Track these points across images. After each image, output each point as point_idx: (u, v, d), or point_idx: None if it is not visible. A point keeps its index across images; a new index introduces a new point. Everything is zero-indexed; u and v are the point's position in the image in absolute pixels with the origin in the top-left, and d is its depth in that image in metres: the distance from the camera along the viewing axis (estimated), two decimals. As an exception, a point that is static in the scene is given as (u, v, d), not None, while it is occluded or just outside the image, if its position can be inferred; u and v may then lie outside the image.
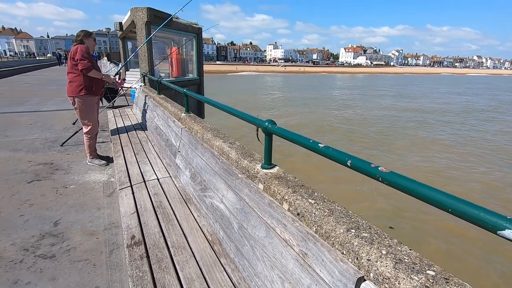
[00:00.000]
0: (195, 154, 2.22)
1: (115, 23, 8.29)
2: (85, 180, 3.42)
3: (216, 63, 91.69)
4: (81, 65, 3.32)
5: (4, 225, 2.49)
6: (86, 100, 3.52)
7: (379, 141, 11.74)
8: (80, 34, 3.51)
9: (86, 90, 3.46)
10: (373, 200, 6.40)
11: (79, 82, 3.43)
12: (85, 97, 3.49)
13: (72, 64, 3.39)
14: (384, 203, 6.28)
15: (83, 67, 3.32)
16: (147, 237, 1.73)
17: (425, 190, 0.74)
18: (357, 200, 6.46)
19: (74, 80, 3.44)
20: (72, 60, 3.37)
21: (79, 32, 3.57)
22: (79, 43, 3.42)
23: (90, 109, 3.60)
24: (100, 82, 3.66)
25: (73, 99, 3.50)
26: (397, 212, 5.98)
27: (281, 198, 1.28)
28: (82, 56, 3.31)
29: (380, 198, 6.45)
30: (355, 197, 6.63)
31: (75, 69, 3.39)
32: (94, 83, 3.53)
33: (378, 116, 17.74)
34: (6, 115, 6.63)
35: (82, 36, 3.48)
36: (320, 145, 1.12)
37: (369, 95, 30.58)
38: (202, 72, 8.80)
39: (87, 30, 3.60)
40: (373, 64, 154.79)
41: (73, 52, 3.37)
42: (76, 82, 3.43)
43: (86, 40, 3.47)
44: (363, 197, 6.55)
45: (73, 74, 3.43)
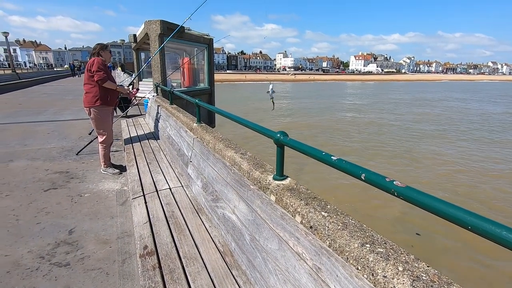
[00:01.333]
0: (206, 164, 2.24)
1: (130, 35, 8.56)
2: (99, 189, 3.49)
3: (226, 72, 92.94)
4: (97, 76, 3.45)
5: (22, 233, 2.56)
6: (101, 110, 3.64)
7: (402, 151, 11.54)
8: (96, 47, 3.65)
9: (101, 101, 3.57)
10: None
11: (94, 93, 3.55)
12: (100, 108, 3.60)
13: (88, 76, 3.52)
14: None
15: (99, 78, 3.45)
16: (159, 247, 1.74)
17: (443, 206, 0.72)
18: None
19: (90, 91, 3.56)
20: (89, 72, 3.50)
21: (96, 45, 3.71)
22: (95, 56, 3.58)
23: (105, 119, 3.71)
24: (115, 93, 3.78)
25: (88, 110, 3.62)
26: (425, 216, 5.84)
27: (294, 211, 1.27)
28: (98, 68, 3.45)
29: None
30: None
31: (91, 80, 3.51)
32: (109, 94, 3.65)
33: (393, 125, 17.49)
34: (25, 125, 6.88)
35: (99, 49, 3.63)
36: (333, 158, 1.12)
37: (383, 103, 30.24)
38: (213, 81, 8.94)
39: (103, 43, 3.76)
40: (384, 71, 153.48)
41: (90, 64, 3.51)
42: (92, 93, 3.55)
43: (103, 53, 3.62)
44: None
45: (89, 85, 3.56)
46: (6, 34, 21.14)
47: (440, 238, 5.29)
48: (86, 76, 3.55)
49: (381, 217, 6.04)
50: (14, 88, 16.26)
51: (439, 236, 5.33)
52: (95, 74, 3.46)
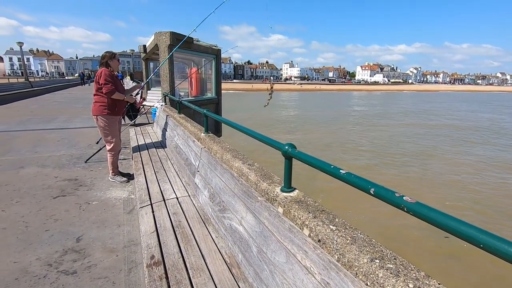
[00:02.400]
0: (214, 174, 2.26)
1: (140, 46, 8.76)
2: (107, 197, 3.52)
3: (233, 82, 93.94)
4: (105, 89, 3.53)
5: (31, 240, 2.59)
6: (109, 119, 3.70)
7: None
8: (105, 56, 3.70)
9: (108, 110, 3.65)
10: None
11: (102, 102, 3.63)
12: (107, 116, 3.67)
13: (97, 87, 3.61)
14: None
15: (107, 91, 3.53)
16: (166, 257, 1.74)
17: (454, 223, 0.72)
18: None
19: (98, 101, 3.64)
20: (97, 84, 3.58)
21: (105, 53, 3.76)
22: (104, 66, 3.65)
23: (112, 127, 3.76)
24: (123, 102, 3.85)
25: (96, 118, 3.69)
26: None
27: (302, 223, 1.27)
28: (105, 80, 3.52)
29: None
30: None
31: (100, 91, 3.60)
32: (116, 104, 3.72)
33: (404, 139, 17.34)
34: (37, 132, 7.03)
35: (107, 58, 3.68)
36: (342, 171, 1.12)
37: (391, 113, 30.06)
38: (220, 91, 9.05)
39: (112, 52, 3.80)
40: (390, 81, 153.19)
41: (98, 76, 3.58)
42: (99, 103, 3.63)
43: (111, 62, 3.68)
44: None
45: (98, 96, 3.64)
46: (20, 44, 21.84)
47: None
48: (95, 87, 3.65)
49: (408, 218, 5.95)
50: (27, 96, 16.69)
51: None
52: (103, 87, 3.54)
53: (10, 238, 2.60)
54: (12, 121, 8.60)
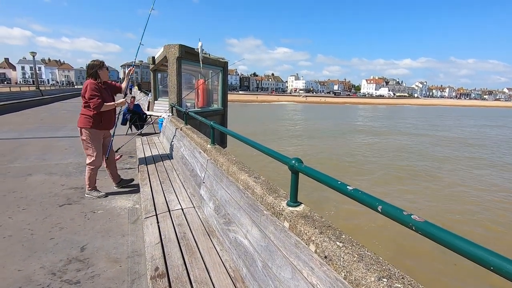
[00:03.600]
0: (220, 186, 2.27)
1: (149, 57, 8.96)
2: (112, 206, 3.54)
3: (238, 93, 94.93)
4: (93, 104, 3.39)
5: (36, 248, 2.60)
6: (92, 133, 3.54)
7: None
8: (94, 65, 3.52)
9: (92, 124, 3.50)
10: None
11: (87, 115, 3.49)
12: (91, 130, 3.52)
13: (84, 101, 3.46)
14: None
15: (94, 105, 3.39)
16: (170, 269, 1.74)
17: (464, 244, 0.72)
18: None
19: (84, 113, 3.51)
20: (83, 98, 3.44)
21: (93, 62, 3.56)
22: (92, 77, 3.49)
23: (95, 141, 3.59)
24: (110, 116, 3.70)
25: (80, 130, 3.55)
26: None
27: (308, 239, 1.26)
28: (91, 95, 3.38)
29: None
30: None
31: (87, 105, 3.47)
32: (102, 117, 3.56)
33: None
34: (46, 140, 7.15)
35: (98, 68, 3.51)
36: (349, 188, 1.12)
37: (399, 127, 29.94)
38: (226, 103, 9.15)
39: (100, 61, 3.62)
40: (396, 95, 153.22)
41: (84, 89, 3.43)
42: (85, 115, 3.50)
43: (101, 72, 3.52)
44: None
45: (85, 109, 3.51)
46: (33, 54, 22.52)
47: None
48: (83, 101, 3.50)
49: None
50: (37, 104, 17.05)
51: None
52: (90, 102, 3.40)
53: (15, 246, 2.61)
54: (22, 128, 8.77)
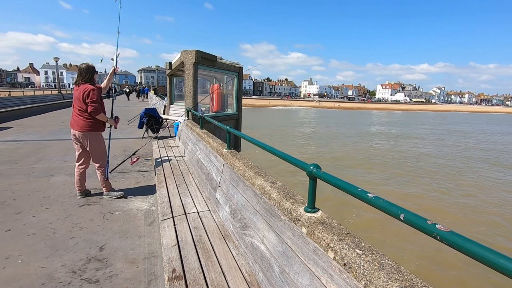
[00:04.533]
0: (236, 190, 2.28)
1: (166, 63, 9.18)
2: (129, 208, 3.62)
3: (252, 98, 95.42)
4: (91, 108, 3.43)
5: (57, 246, 2.70)
6: (100, 136, 3.69)
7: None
8: (89, 69, 3.52)
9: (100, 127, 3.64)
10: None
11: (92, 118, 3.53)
12: (98, 133, 3.65)
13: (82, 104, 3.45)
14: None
15: (93, 109, 3.43)
16: (187, 272, 1.76)
17: (493, 256, 0.70)
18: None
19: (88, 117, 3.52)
20: (80, 102, 3.43)
21: (87, 66, 3.54)
22: (89, 81, 3.50)
23: (102, 144, 3.74)
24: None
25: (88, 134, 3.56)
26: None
27: (326, 246, 1.25)
28: (94, 100, 3.43)
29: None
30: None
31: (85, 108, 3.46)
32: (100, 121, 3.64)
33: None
34: (66, 142, 7.41)
35: (93, 72, 3.54)
36: (369, 195, 1.12)
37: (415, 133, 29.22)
38: (240, 107, 9.24)
39: (92, 65, 3.60)
40: (412, 101, 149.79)
41: (85, 93, 3.40)
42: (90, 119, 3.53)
43: (95, 76, 3.57)
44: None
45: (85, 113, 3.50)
46: (56, 59, 23.53)
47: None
48: (79, 104, 3.47)
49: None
50: (59, 107, 17.73)
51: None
52: (90, 105, 3.42)
53: (39, 244, 2.72)
54: (45, 130, 9.14)
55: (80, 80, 3.50)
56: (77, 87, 3.51)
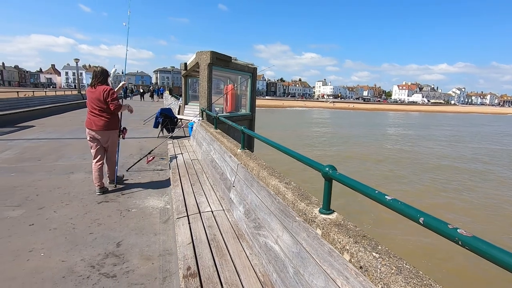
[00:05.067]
0: (250, 190, 2.30)
1: (181, 64, 9.32)
2: (145, 205, 3.71)
3: (265, 98, 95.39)
4: (113, 106, 3.68)
5: (77, 241, 2.79)
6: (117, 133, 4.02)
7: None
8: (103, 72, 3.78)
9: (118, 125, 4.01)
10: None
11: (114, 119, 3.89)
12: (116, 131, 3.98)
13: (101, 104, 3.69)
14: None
15: (115, 107, 3.70)
16: (201, 269, 1.78)
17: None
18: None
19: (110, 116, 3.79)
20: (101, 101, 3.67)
21: (101, 69, 3.80)
22: (104, 83, 3.75)
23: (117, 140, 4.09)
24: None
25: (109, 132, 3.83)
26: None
27: (342, 248, 1.24)
28: (115, 98, 3.70)
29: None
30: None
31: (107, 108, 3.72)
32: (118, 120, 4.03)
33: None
34: (85, 141, 7.61)
35: (106, 75, 3.79)
36: (387, 197, 1.10)
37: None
38: (254, 108, 9.26)
39: (106, 69, 3.87)
40: (430, 102, 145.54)
41: (105, 93, 3.64)
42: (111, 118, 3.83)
43: (108, 78, 3.83)
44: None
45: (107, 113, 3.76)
46: (77, 61, 24.36)
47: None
48: (98, 105, 3.68)
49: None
50: (78, 107, 18.33)
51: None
52: (112, 103, 3.67)
53: (59, 238, 2.83)
54: (65, 130, 9.48)
55: (96, 81, 3.72)
56: (93, 89, 3.72)
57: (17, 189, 4.02)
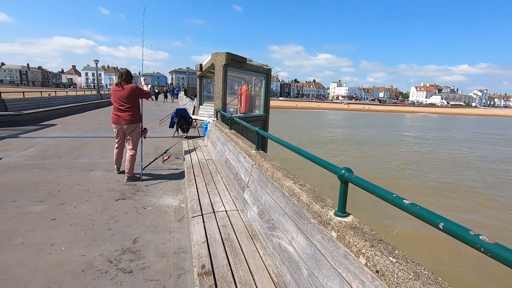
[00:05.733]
0: (264, 191, 2.31)
1: (196, 65, 9.47)
2: (160, 204, 3.78)
3: (279, 99, 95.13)
4: (147, 96, 4.53)
5: (96, 236, 2.89)
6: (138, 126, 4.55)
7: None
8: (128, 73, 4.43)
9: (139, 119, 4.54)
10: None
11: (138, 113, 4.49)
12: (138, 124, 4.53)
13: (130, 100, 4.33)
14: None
15: (149, 95, 4.58)
16: (216, 268, 1.81)
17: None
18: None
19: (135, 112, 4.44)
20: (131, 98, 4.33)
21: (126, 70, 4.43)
22: (129, 82, 4.40)
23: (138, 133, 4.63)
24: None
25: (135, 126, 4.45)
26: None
27: (358, 251, 1.23)
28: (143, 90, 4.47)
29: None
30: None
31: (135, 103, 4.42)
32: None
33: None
34: (104, 139, 7.90)
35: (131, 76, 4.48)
36: (405, 202, 1.08)
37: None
38: (268, 109, 9.27)
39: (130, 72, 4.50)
40: (450, 104, 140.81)
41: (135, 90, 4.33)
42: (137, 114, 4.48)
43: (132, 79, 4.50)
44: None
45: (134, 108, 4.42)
46: (96, 62, 25.17)
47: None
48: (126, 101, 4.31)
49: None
50: (97, 106, 18.93)
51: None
52: (147, 95, 4.52)
53: (79, 233, 2.93)
54: (85, 128, 9.80)
55: (122, 81, 4.32)
56: (120, 88, 4.32)
57: (41, 185, 4.19)
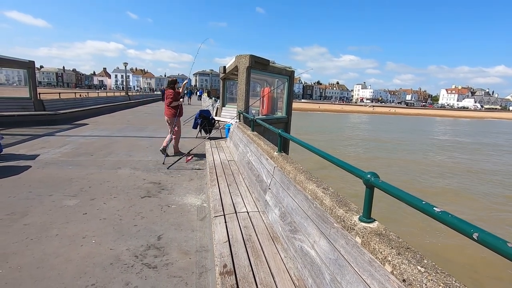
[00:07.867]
0: (286, 194, 2.30)
1: (220, 67, 9.61)
2: (183, 202, 3.89)
3: (301, 101, 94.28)
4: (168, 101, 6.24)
5: (123, 231, 3.02)
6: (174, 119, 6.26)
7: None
8: (173, 81, 6.45)
9: (176, 114, 6.26)
10: None
11: (173, 110, 6.28)
12: (174, 118, 6.22)
13: (172, 99, 6.23)
14: None
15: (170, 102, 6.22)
16: (237, 268, 1.83)
17: None
18: None
19: (170, 109, 6.28)
20: (167, 99, 6.26)
21: (173, 79, 6.50)
22: (172, 88, 6.24)
23: (179, 122, 6.39)
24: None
25: (170, 119, 6.29)
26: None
27: (383, 258, 1.20)
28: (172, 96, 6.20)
29: None
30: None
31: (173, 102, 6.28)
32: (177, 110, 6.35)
33: (491, 170, 14.68)
34: (131, 139, 8.23)
35: (174, 83, 6.37)
36: (436, 209, 1.04)
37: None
38: (290, 111, 9.23)
39: (175, 79, 6.60)
40: (484, 108, 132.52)
41: (172, 94, 6.20)
42: (172, 110, 6.27)
43: (175, 85, 6.33)
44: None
45: (170, 107, 6.27)
46: (125, 64, 26.31)
47: None
48: (167, 101, 6.26)
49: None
50: (125, 107, 19.78)
51: None
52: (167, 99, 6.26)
53: (108, 228, 3.08)
54: (114, 128, 10.27)
55: (168, 86, 6.32)
56: (167, 90, 6.26)
57: (74, 181, 4.45)
